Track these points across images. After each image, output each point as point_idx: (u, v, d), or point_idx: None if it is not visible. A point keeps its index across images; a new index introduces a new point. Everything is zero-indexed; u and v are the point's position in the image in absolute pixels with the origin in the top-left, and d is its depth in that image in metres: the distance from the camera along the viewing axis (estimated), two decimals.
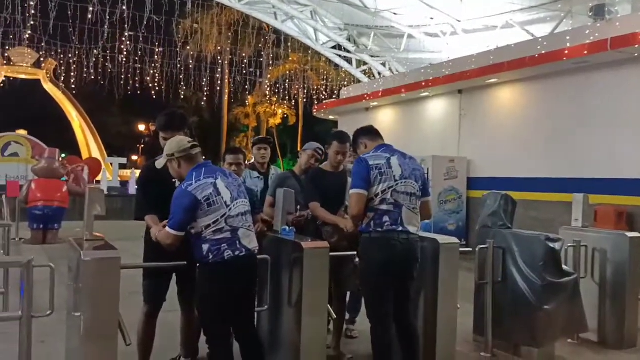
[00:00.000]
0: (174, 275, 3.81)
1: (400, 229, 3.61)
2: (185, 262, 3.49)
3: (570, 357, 4.69)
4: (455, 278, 4.05)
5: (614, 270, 5.00)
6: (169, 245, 3.28)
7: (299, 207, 4.27)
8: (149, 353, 3.79)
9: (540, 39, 10.21)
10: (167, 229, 3.23)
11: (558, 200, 8.69)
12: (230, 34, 32.33)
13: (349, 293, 4.68)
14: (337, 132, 4.61)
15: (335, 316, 4.14)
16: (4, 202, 8.21)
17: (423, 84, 11.85)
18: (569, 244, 5.07)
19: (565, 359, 4.63)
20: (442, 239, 4.08)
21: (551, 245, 4.41)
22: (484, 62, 10.49)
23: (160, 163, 3.51)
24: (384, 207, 3.61)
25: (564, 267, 4.56)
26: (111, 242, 3.27)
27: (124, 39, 26.18)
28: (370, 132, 4.01)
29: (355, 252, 3.93)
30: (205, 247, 3.21)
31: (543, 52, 9.09)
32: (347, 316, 4.99)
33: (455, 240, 4.16)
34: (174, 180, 3.53)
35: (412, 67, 16.78)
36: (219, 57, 33.48)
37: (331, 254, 3.67)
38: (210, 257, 3.22)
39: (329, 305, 3.74)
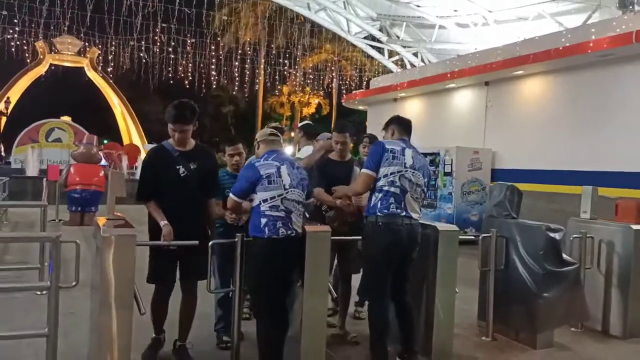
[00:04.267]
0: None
1: (404, 214, 3.86)
2: (197, 242, 3.71)
3: (571, 344, 4.81)
4: (454, 264, 4.23)
5: (619, 262, 5.10)
6: (229, 209, 3.85)
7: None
8: (161, 323, 3.99)
9: (564, 32, 10.13)
10: (230, 194, 3.72)
11: (581, 193, 8.68)
12: (265, 24, 32.70)
13: (359, 276, 4.91)
14: (337, 123, 4.89)
15: (336, 295, 4.38)
16: (44, 184, 8.77)
17: (449, 75, 11.89)
18: (575, 235, 5.20)
19: (565, 346, 4.75)
20: (441, 226, 4.27)
21: (551, 235, 4.55)
22: (510, 54, 10.48)
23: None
24: (391, 189, 3.86)
25: (565, 256, 4.68)
26: (136, 223, 3.57)
27: (159, 29, 26.77)
28: (403, 124, 4.21)
29: (357, 237, 4.17)
30: (263, 220, 3.58)
31: (568, 44, 9.05)
32: (357, 298, 5.24)
33: (454, 228, 4.35)
34: (177, 166, 3.81)
35: (444, 58, 16.75)
36: (251, 48, 33.92)
37: (334, 237, 3.92)
38: (267, 231, 3.57)
39: (330, 286, 3.99)
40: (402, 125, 4.19)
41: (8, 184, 11.88)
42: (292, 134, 39.92)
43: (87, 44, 34.26)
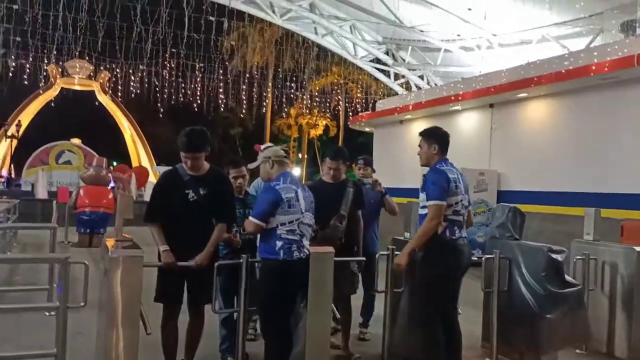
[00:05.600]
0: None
1: (464, 235, 4.05)
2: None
3: None
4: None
5: (623, 284, 5.10)
6: (250, 232, 3.89)
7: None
8: (173, 353, 3.94)
9: (567, 55, 10.25)
10: (250, 217, 3.75)
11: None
12: (274, 47, 33.19)
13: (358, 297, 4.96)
14: (333, 148, 4.95)
15: (339, 316, 4.43)
16: (54, 206, 8.90)
17: (454, 97, 12.02)
18: (578, 257, 5.23)
19: None
20: None
21: (554, 256, 4.58)
22: (514, 77, 10.61)
23: (252, 165, 4.25)
24: (455, 217, 3.99)
25: (567, 278, 4.70)
26: (143, 244, 3.66)
27: (168, 54, 27.25)
28: (446, 145, 4.22)
29: (353, 258, 4.28)
30: (279, 243, 3.67)
31: (571, 67, 9.15)
32: (361, 320, 5.28)
33: None
34: (187, 191, 3.82)
35: (449, 80, 16.93)
36: (259, 72, 34.40)
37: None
38: (282, 254, 3.66)
39: (333, 306, 4.04)
40: (445, 146, 4.20)
41: (18, 206, 12.02)
42: (299, 155, 40.18)
43: (98, 67, 34.80)
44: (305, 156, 41.96)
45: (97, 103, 40.70)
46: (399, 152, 14.40)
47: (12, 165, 34.29)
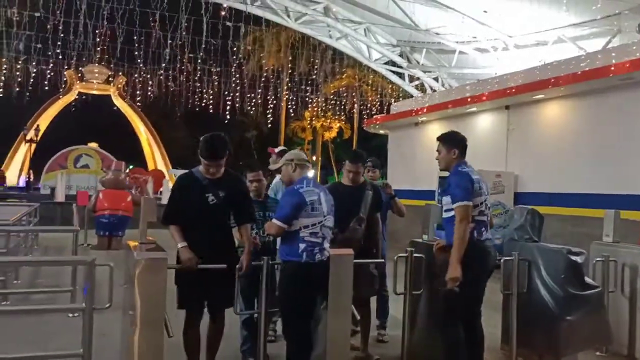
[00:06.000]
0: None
1: (490, 236, 4.09)
2: (225, 265, 3.77)
3: None
4: None
5: None
6: (273, 235, 3.94)
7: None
8: (196, 356, 3.97)
9: (584, 56, 10.19)
10: (274, 220, 3.80)
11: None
12: (288, 50, 33.35)
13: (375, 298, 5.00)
14: (353, 152, 4.99)
15: (358, 317, 4.46)
16: (74, 210, 9.05)
17: (470, 99, 11.99)
18: (598, 259, 5.21)
19: None
20: None
21: (573, 258, 4.57)
22: (530, 78, 10.55)
23: (274, 166, 4.38)
24: (481, 218, 4.03)
25: (587, 279, 4.69)
26: (166, 247, 3.74)
27: (185, 59, 27.52)
28: (465, 147, 4.25)
29: (371, 260, 4.31)
30: (302, 245, 3.73)
31: (587, 68, 9.09)
32: (377, 322, 5.31)
33: None
34: (207, 194, 3.85)
35: (464, 82, 16.89)
36: (275, 75, 34.57)
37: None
38: (304, 256, 3.71)
39: (353, 307, 4.08)
40: (464, 150, 4.23)
41: (38, 209, 12.22)
42: (314, 158, 40.23)
43: (116, 72, 35.25)
44: (319, 159, 42.02)
45: (114, 107, 41.17)
46: (413, 154, 14.39)
47: (30, 169, 34.82)
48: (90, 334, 3.62)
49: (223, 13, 21.39)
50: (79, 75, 38.53)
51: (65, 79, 36.98)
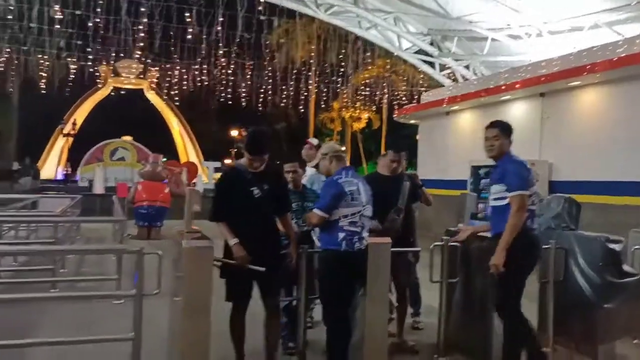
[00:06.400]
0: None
1: (537, 226, 4.13)
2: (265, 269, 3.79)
3: (634, 357, 4.78)
4: None
5: None
6: (314, 224, 4.02)
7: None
8: (241, 344, 4.04)
9: (621, 41, 9.97)
10: (315, 210, 3.93)
11: None
12: (317, 42, 33.37)
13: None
14: (394, 142, 5.07)
15: (396, 304, 4.56)
16: (116, 201, 9.36)
17: (503, 87, 11.87)
18: (636, 247, 5.17)
19: (627, 358, 4.73)
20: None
21: (611, 246, 4.57)
22: (565, 65, 10.39)
23: (313, 162, 4.57)
24: (532, 207, 4.08)
25: (625, 267, 4.68)
26: (210, 236, 3.85)
27: (215, 52, 27.84)
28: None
29: (408, 249, 4.39)
30: (341, 235, 3.84)
31: (624, 54, 8.91)
32: (411, 310, 5.39)
33: None
34: (252, 188, 3.88)
35: (497, 70, 16.67)
36: (306, 67, 34.70)
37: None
38: (344, 245, 3.83)
39: (390, 295, 4.18)
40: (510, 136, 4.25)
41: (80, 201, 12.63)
42: (342, 149, 40.16)
43: (149, 66, 35.90)
44: (349, 149, 41.99)
45: (146, 101, 41.93)
46: (444, 144, 14.33)
47: (68, 162, 35.85)
48: (140, 319, 3.82)
49: (260, 8, 21.62)
50: (113, 70, 39.34)
51: (99, 74, 37.80)
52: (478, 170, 10.64)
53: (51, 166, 37.91)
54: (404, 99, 33.58)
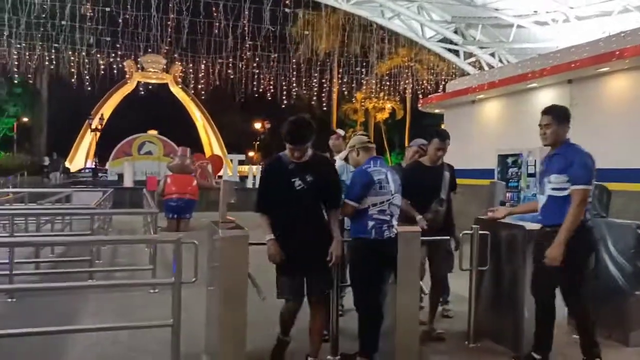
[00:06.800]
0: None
1: (590, 216, 4.02)
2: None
3: None
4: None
5: None
6: (347, 215, 4.04)
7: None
8: (289, 327, 4.02)
9: None
10: (346, 200, 3.97)
11: None
12: (339, 33, 33.34)
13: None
14: (439, 130, 4.93)
15: (427, 292, 4.61)
16: (146, 194, 9.57)
17: (530, 75, 11.71)
18: None
19: None
20: (529, 225, 4.42)
21: None
22: (593, 51, 10.21)
23: (342, 154, 4.56)
24: (590, 199, 4.02)
25: None
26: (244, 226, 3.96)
27: (237, 45, 28.01)
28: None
29: (446, 237, 4.41)
30: (371, 223, 3.90)
31: None
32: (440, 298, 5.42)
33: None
34: (293, 179, 3.73)
35: (523, 57, 16.46)
36: (329, 58, 34.71)
37: (423, 238, 4.17)
38: (373, 233, 3.89)
39: (421, 283, 4.23)
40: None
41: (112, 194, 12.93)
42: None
43: (173, 60, 36.31)
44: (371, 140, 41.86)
45: (170, 95, 42.42)
46: (470, 133, 14.21)
47: (96, 157, 36.54)
48: (179, 307, 3.95)
49: (287, 1, 21.71)
50: (138, 65, 39.86)
51: (125, 69, 38.34)
52: (505, 158, 10.60)
53: (80, 161, 38.70)
54: (428, 88, 33.33)
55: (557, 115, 4.07)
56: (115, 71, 32.91)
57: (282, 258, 3.76)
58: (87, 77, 30.77)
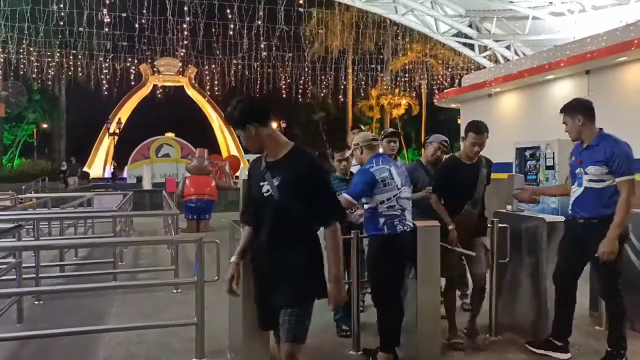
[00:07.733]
0: None
1: None
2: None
3: None
4: None
5: None
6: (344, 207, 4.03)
7: None
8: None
9: None
10: (343, 194, 4.02)
11: None
12: (352, 30, 33.33)
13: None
14: (474, 123, 4.50)
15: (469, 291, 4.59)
16: (166, 195, 9.69)
17: (547, 66, 11.63)
18: None
19: None
20: (549, 218, 4.41)
21: None
22: (611, 41, 10.12)
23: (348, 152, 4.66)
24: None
25: None
26: None
27: (252, 45, 28.15)
28: (591, 110, 4.01)
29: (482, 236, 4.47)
30: (382, 220, 3.93)
31: None
32: (458, 292, 5.40)
33: (561, 218, 4.45)
34: (262, 183, 2.81)
35: (539, 49, 16.30)
36: (344, 56, 34.76)
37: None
38: (386, 229, 3.92)
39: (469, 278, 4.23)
40: (592, 113, 4.06)
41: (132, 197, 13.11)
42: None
43: (187, 63, 36.64)
44: None
45: (186, 97, 42.74)
46: (488, 127, 14.14)
47: (114, 160, 37.00)
48: (203, 305, 4.03)
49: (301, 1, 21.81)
50: (153, 68, 40.24)
51: (140, 73, 38.73)
52: (523, 151, 10.52)
53: (99, 165, 39.18)
54: (444, 83, 33.16)
55: (566, 110, 4.06)
56: (131, 75, 33.29)
57: (232, 289, 2.90)
58: (104, 82, 31.19)
